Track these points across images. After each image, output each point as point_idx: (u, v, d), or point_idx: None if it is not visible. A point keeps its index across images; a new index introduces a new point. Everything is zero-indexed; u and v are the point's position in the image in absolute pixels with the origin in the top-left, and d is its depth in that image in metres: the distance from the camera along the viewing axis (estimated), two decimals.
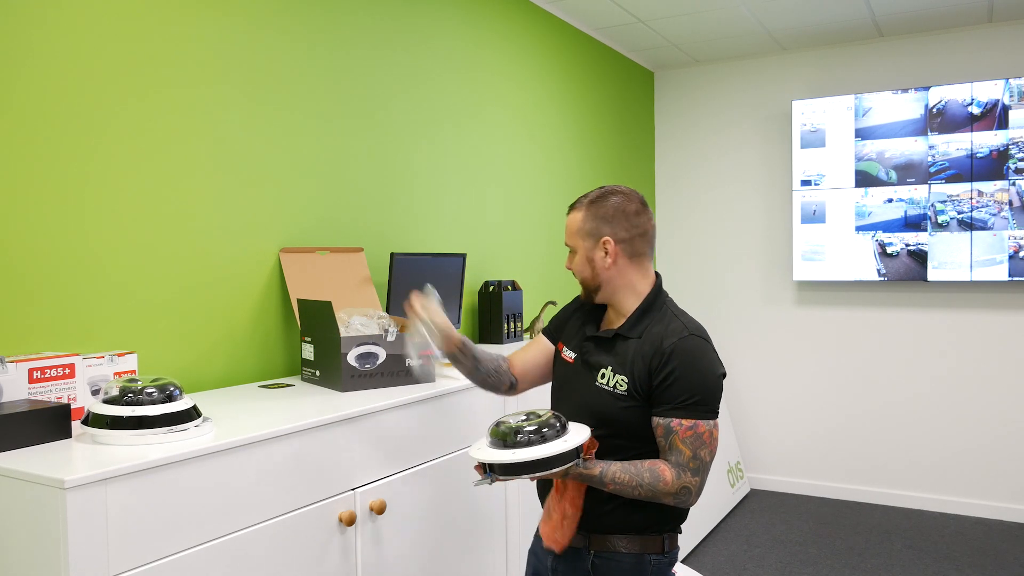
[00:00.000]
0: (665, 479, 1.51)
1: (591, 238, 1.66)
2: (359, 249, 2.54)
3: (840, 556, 3.63)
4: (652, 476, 1.51)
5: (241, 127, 2.19)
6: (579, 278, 1.69)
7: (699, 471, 1.52)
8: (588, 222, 1.66)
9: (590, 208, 1.67)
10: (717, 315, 4.84)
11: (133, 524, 1.30)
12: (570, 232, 1.69)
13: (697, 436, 1.52)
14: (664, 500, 1.52)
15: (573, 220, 1.68)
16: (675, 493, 1.51)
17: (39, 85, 1.72)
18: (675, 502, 1.53)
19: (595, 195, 1.67)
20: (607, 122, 4.37)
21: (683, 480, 1.51)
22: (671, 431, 1.53)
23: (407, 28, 2.83)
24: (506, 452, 1.46)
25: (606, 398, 1.60)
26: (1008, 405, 4.11)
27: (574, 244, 1.68)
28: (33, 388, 1.50)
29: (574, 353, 1.72)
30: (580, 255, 1.68)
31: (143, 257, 1.93)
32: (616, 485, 1.51)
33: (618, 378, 1.60)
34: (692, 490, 1.52)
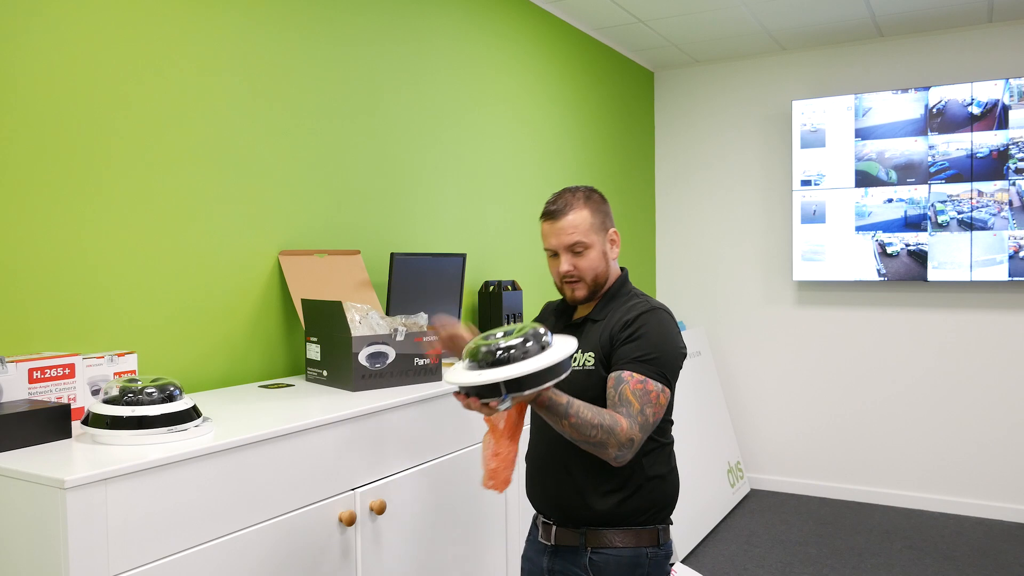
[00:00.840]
0: (621, 425, 1.47)
1: (602, 231, 1.68)
2: (356, 252, 2.54)
3: (840, 556, 3.63)
4: (611, 419, 1.47)
5: (241, 128, 2.19)
6: (590, 276, 1.66)
7: (643, 428, 1.50)
8: (596, 217, 1.67)
9: (589, 204, 1.68)
10: (717, 315, 4.84)
11: (133, 524, 1.30)
12: (581, 231, 1.65)
13: (645, 392, 1.51)
14: (610, 450, 1.46)
15: (580, 219, 1.65)
16: (623, 443, 1.47)
17: (39, 85, 1.72)
18: (617, 455, 1.47)
19: (582, 193, 1.69)
20: (607, 122, 4.37)
21: (632, 432, 1.47)
22: (621, 380, 1.52)
23: (407, 29, 2.83)
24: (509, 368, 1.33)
25: (579, 378, 1.60)
26: (1008, 405, 4.11)
27: (589, 241, 1.66)
28: (33, 388, 1.50)
29: None
30: (596, 251, 1.67)
31: (143, 257, 1.93)
32: (578, 419, 1.45)
33: (586, 355, 1.63)
34: (635, 445, 1.49)
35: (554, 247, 1.68)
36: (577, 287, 1.67)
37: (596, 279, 1.67)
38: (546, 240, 1.70)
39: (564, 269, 1.67)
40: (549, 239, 1.69)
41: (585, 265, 1.66)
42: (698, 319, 4.90)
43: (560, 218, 1.66)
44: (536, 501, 1.73)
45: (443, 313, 2.77)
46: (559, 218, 1.66)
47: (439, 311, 2.74)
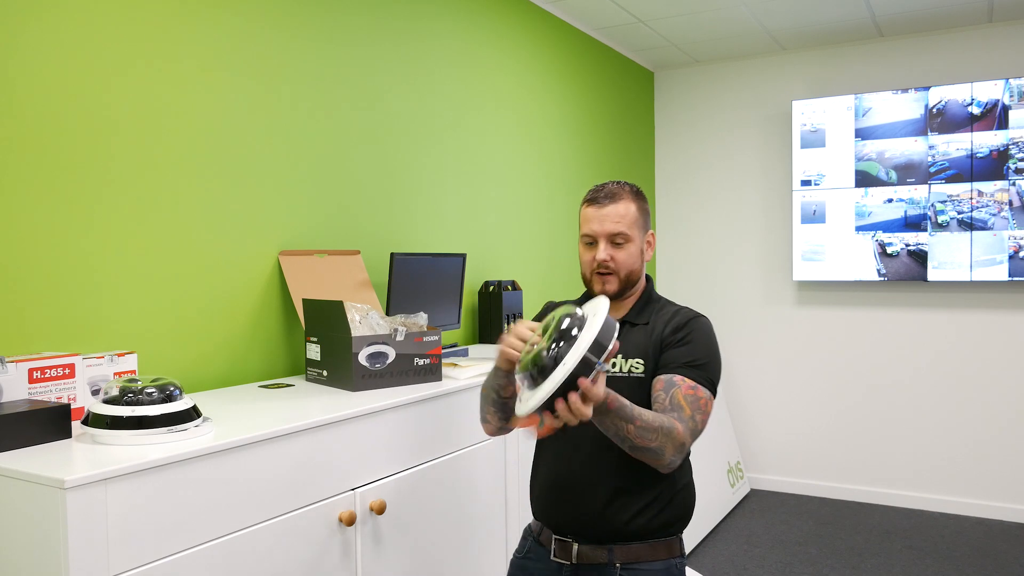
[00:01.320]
0: (677, 429, 1.41)
1: (643, 230, 1.64)
2: (356, 252, 2.54)
3: (840, 556, 3.63)
4: (669, 423, 1.41)
5: (241, 128, 2.19)
6: (624, 271, 1.60)
7: (694, 434, 1.46)
8: (641, 214, 1.63)
9: (638, 200, 1.63)
10: (717, 315, 4.84)
11: (133, 524, 1.30)
12: (627, 221, 1.59)
13: (696, 398, 1.48)
14: (666, 456, 1.41)
15: (626, 209, 1.59)
16: (679, 448, 1.42)
17: (39, 86, 1.72)
18: (670, 460, 1.43)
19: (631, 188, 1.63)
20: (607, 122, 4.37)
21: (685, 436, 1.43)
22: (673, 384, 1.48)
23: (407, 29, 2.83)
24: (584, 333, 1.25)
25: (623, 385, 1.53)
26: (1008, 405, 4.11)
27: (631, 233, 1.60)
28: (33, 388, 1.50)
29: None
30: (635, 247, 1.61)
31: (143, 257, 1.93)
32: (643, 422, 1.37)
33: (632, 362, 1.57)
34: (686, 451, 1.46)
35: (596, 233, 1.60)
36: (608, 280, 1.60)
37: (629, 276, 1.61)
38: (587, 225, 1.62)
39: (601, 257, 1.59)
40: (591, 224, 1.61)
41: (622, 258, 1.60)
42: None
43: (607, 205, 1.59)
44: (553, 520, 1.63)
45: (445, 312, 2.77)
46: (606, 205, 1.59)
47: (439, 311, 2.74)
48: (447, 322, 2.82)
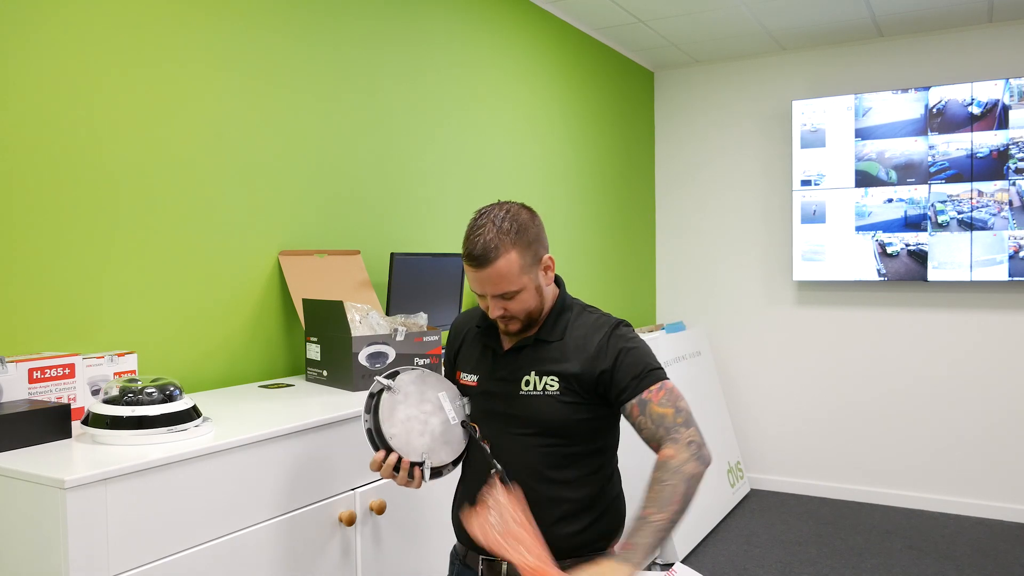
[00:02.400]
0: (677, 457, 1.39)
1: (534, 266, 1.51)
2: (356, 252, 2.54)
3: (840, 556, 3.63)
4: (670, 471, 1.38)
5: (241, 128, 2.19)
6: (523, 314, 1.51)
7: (689, 421, 1.45)
8: (526, 254, 1.49)
9: (519, 241, 1.48)
10: (717, 315, 4.84)
11: (133, 524, 1.30)
12: (510, 279, 1.47)
13: (668, 392, 1.47)
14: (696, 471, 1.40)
15: (508, 264, 1.46)
16: (692, 456, 1.40)
17: (38, 85, 1.72)
18: (699, 464, 1.41)
19: (507, 226, 1.48)
20: (607, 122, 4.37)
21: (683, 438, 1.42)
22: (646, 403, 1.46)
23: (407, 29, 2.83)
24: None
25: (539, 403, 1.50)
26: (1008, 405, 4.11)
27: (520, 285, 1.48)
28: (33, 388, 1.50)
29: (476, 375, 1.60)
30: (527, 292, 1.50)
31: (143, 257, 1.93)
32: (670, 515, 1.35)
33: (546, 379, 1.51)
34: (697, 440, 1.43)
35: (483, 292, 1.51)
36: (510, 323, 1.52)
37: (531, 314, 1.52)
38: (471, 284, 1.53)
39: (495, 315, 1.52)
40: (473, 284, 1.52)
41: (517, 307, 1.51)
42: (698, 319, 4.90)
43: (485, 266, 1.46)
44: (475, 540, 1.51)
45: (445, 311, 2.77)
46: (484, 266, 1.46)
47: (439, 311, 2.74)
48: (447, 322, 2.82)
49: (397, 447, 1.46)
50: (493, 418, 1.56)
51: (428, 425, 1.52)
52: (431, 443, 1.51)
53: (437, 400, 1.57)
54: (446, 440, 1.54)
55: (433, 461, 1.49)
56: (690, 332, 4.49)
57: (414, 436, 1.49)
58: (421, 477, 1.47)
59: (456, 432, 1.56)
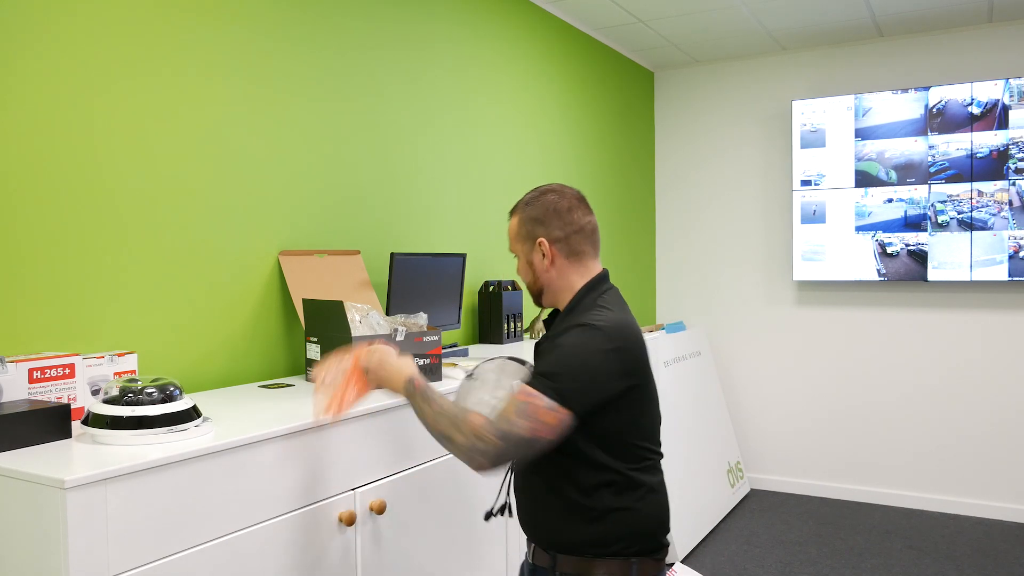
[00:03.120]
0: (471, 421, 1.40)
1: (528, 241, 1.61)
2: (356, 252, 2.54)
3: (840, 556, 3.63)
4: (461, 412, 1.43)
5: (241, 128, 2.19)
6: (525, 283, 1.65)
7: (505, 437, 1.36)
8: (523, 225, 1.61)
9: (524, 210, 1.62)
10: (717, 315, 4.84)
11: (133, 524, 1.30)
12: (511, 238, 1.65)
13: (526, 404, 1.39)
14: (456, 443, 1.40)
15: (511, 226, 1.64)
16: (469, 440, 1.38)
17: (39, 85, 1.72)
18: (465, 453, 1.40)
19: (529, 197, 1.63)
20: (607, 122, 4.37)
21: (485, 431, 1.37)
22: (514, 390, 1.47)
23: (407, 29, 2.83)
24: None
25: None
26: (1008, 405, 4.11)
27: (515, 250, 1.65)
28: (33, 388, 1.50)
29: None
30: (522, 260, 1.64)
31: (143, 257, 1.93)
32: (438, 406, 1.45)
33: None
34: (485, 450, 1.37)
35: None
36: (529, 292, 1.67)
37: (529, 287, 1.64)
38: None
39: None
40: None
41: (518, 273, 1.66)
42: (698, 319, 4.90)
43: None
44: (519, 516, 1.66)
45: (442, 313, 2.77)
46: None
47: (439, 311, 2.74)
48: (447, 322, 2.82)
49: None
50: None
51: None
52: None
53: (512, 387, 1.51)
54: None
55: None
56: (690, 332, 4.49)
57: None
58: None
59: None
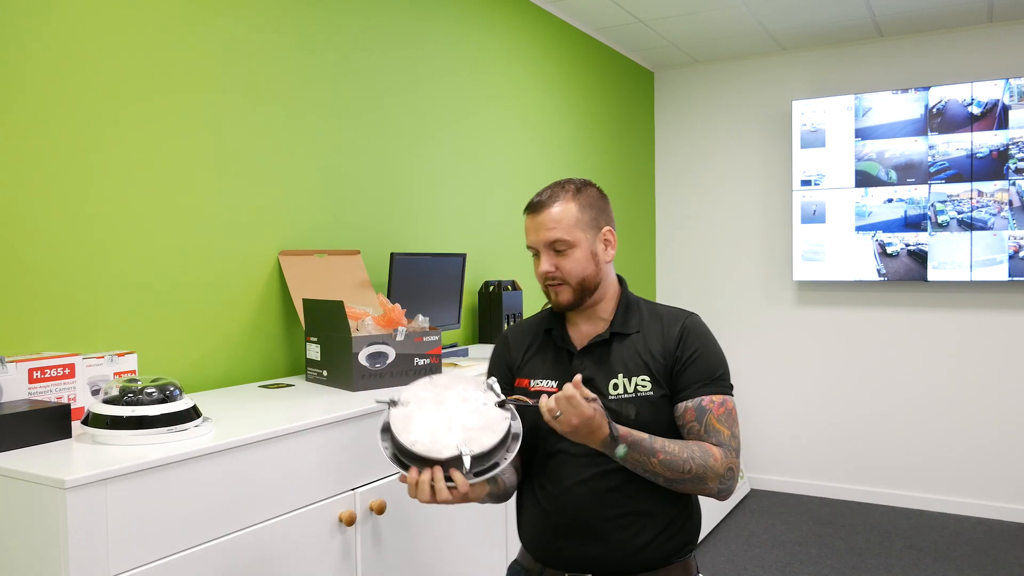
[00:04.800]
0: (715, 456, 1.36)
1: (592, 229, 1.47)
2: (356, 252, 2.54)
3: (840, 556, 3.63)
4: (702, 452, 1.35)
5: (241, 129, 2.19)
6: (575, 279, 1.45)
7: (738, 451, 1.40)
8: (586, 212, 1.47)
9: (580, 198, 1.48)
10: (717, 315, 4.84)
11: (133, 524, 1.30)
12: (564, 225, 1.44)
13: (728, 413, 1.41)
14: (710, 484, 1.36)
15: (564, 213, 1.45)
16: (723, 474, 1.36)
17: (40, 86, 1.72)
18: (719, 487, 1.37)
19: (573, 186, 1.49)
20: (607, 122, 4.37)
21: (729, 460, 1.37)
22: (704, 411, 1.40)
23: (406, 29, 2.83)
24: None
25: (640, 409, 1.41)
26: (1008, 405, 4.11)
27: (573, 239, 1.44)
28: (33, 388, 1.50)
29: (554, 380, 1.49)
30: (582, 250, 1.45)
31: (143, 257, 1.93)
32: (666, 455, 1.33)
33: (636, 380, 1.44)
34: (736, 472, 1.39)
35: (534, 244, 1.47)
36: (561, 291, 1.46)
37: (583, 283, 1.46)
38: (527, 237, 1.49)
39: (545, 269, 1.45)
40: (529, 235, 1.48)
41: (569, 266, 1.45)
42: None
43: (542, 211, 1.45)
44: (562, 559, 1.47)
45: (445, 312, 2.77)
46: (541, 211, 1.45)
47: (439, 311, 2.74)
48: (447, 322, 2.82)
49: (424, 452, 1.23)
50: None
51: (456, 420, 1.30)
52: (465, 434, 1.27)
53: (459, 394, 1.37)
54: (485, 426, 1.29)
55: (474, 448, 1.24)
56: None
57: (441, 434, 1.27)
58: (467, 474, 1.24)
59: (494, 415, 1.32)
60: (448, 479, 1.24)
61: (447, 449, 1.24)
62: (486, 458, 1.27)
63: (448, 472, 1.24)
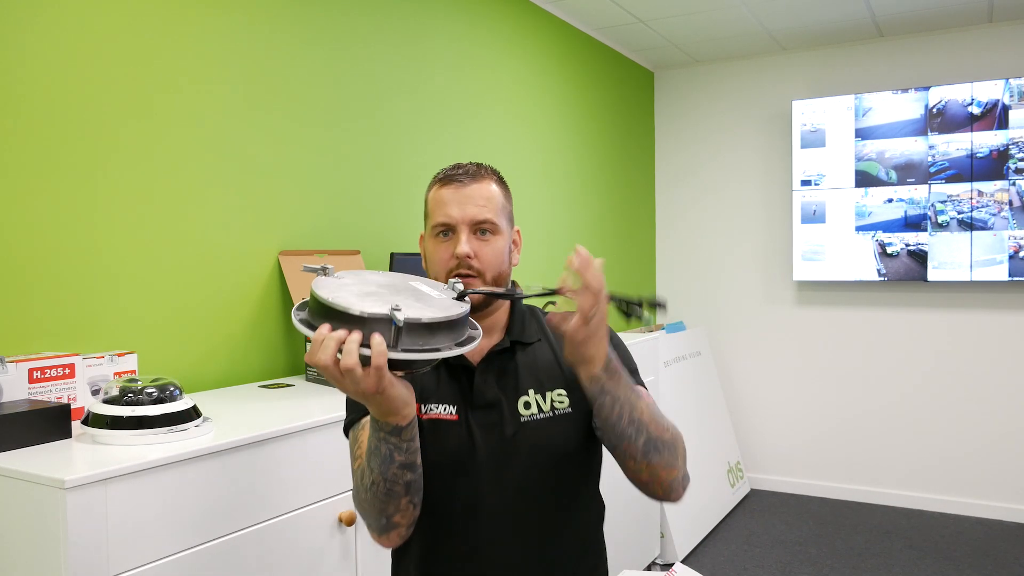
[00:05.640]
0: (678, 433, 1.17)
1: (510, 224, 1.27)
2: (356, 252, 2.54)
3: (840, 556, 3.63)
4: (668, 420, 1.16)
5: (241, 128, 2.19)
6: (492, 273, 1.20)
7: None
8: (508, 202, 1.27)
9: (503, 186, 1.27)
10: (717, 315, 4.84)
11: (133, 524, 1.30)
12: (493, 206, 1.21)
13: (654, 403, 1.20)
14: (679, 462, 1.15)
15: (495, 194, 1.23)
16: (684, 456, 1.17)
17: (40, 87, 1.72)
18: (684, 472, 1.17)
19: (494, 172, 1.28)
20: (607, 122, 4.37)
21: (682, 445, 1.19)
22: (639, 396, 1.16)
23: (406, 29, 2.83)
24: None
25: (551, 429, 1.19)
26: (1008, 405, 4.11)
27: (500, 224, 1.22)
28: (33, 388, 1.50)
29: (451, 405, 1.20)
30: (504, 241, 1.23)
31: (143, 257, 1.93)
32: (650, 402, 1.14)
33: (551, 396, 1.21)
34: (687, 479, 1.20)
35: (453, 220, 1.19)
36: (472, 284, 1.18)
37: (496, 281, 1.21)
38: (441, 210, 1.21)
39: (463, 251, 1.17)
40: (448, 208, 1.20)
41: (489, 256, 1.19)
42: (698, 319, 4.90)
43: (469, 184, 1.21)
44: None
45: None
46: (467, 184, 1.21)
47: None
48: None
49: (344, 305, 0.95)
50: (478, 462, 1.17)
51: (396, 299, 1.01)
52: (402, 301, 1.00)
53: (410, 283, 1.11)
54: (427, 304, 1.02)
55: (408, 313, 0.95)
56: (690, 332, 4.49)
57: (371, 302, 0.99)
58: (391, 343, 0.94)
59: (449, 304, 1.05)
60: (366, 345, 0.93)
61: (374, 309, 0.95)
62: (423, 335, 0.95)
63: (368, 339, 0.94)
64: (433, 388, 1.22)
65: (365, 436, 1.14)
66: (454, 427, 1.19)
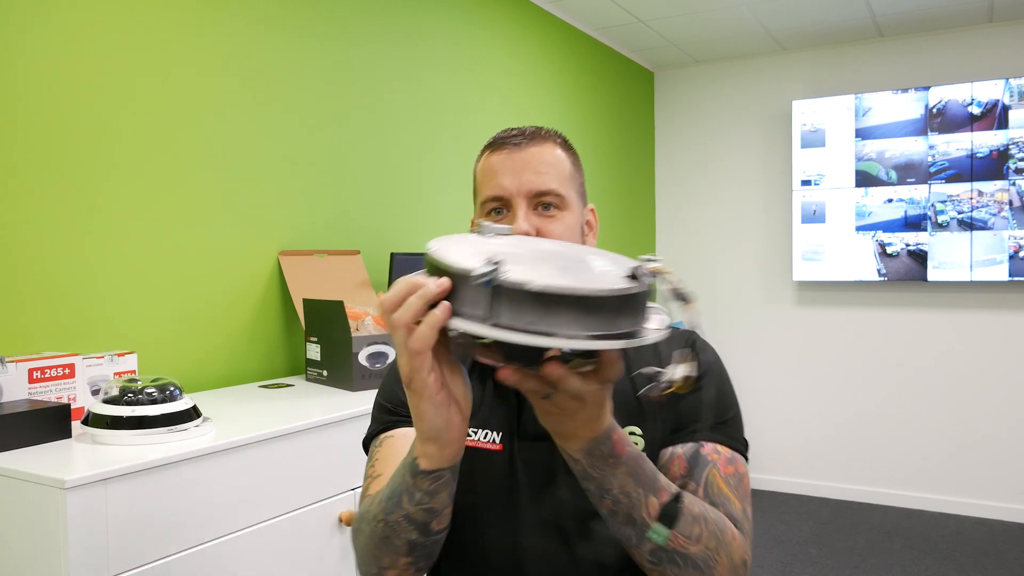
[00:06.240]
0: (733, 532, 0.85)
1: (581, 199, 1.00)
2: (356, 252, 2.54)
3: (840, 556, 3.63)
4: (717, 515, 0.85)
5: (241, 128, 2.19)
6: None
7: (751, 537, 0.90)
8: (579, 172, 1.01)
9: (571, 152, 1.01)
10: (717, 315, 4.84)
11: (133, 524, 1.30)
12: (557, 173, 0.95)
13: (740, 477, 0.93)
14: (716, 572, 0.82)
15: (553, 155, 0.97)
16: (737, 566, 0.84)
17: (40, 87, 1.72)
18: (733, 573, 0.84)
19: (559, 136, 1.01)
20: (607, 122, 4.37)
21: (745, 547, 0.87)
22: (705, 463, 0.91)
23: (406, 29, 2.83)
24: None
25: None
26: (1008, 405, 4.11)
27: (567, 196, 0.96)
28: (33, 388, 1.50)
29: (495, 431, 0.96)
30: (575, 218, 0.97)
31: (143, 257, 1.93)
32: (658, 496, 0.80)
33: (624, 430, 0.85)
34: (748, 569, 0.88)
35: (507, 192, 0.94)
36: None
37: None
38: (490, 182, 0.96)
39: (521, 230, 0.92)
40: (498, 178, 0.95)
41: (561, 233, 0.94)
42: (698, 318, 4.90)
43: (526, 147, 0.95)
44: None
45: None
46: (524, 147, 0.95)
47: None
48: None
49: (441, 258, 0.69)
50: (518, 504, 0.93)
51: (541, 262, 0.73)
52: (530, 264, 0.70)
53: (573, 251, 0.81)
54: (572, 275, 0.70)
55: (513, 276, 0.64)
56: None
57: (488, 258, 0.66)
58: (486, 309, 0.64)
59: (604, 276, 0.72)
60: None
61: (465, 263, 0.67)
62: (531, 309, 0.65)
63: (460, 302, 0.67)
64: (474, 408, 0.93)
65: (382, 454, 0.96)
66: (495, 459, 0.94)
